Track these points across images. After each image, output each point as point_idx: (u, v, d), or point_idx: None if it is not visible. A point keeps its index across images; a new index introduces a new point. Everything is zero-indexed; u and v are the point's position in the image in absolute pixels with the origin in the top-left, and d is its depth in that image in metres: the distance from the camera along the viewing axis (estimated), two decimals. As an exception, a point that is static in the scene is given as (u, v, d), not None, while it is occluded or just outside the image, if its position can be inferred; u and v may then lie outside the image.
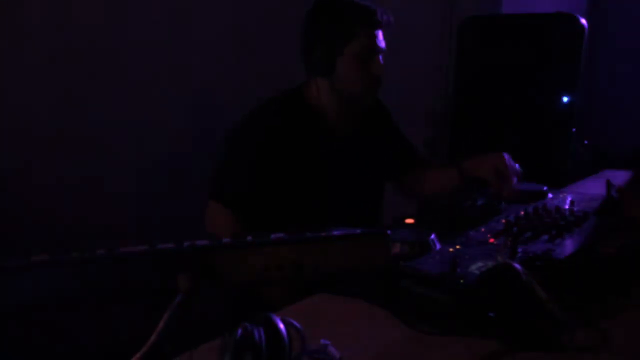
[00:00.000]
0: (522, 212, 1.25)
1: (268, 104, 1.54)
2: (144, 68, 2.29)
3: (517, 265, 0.87)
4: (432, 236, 1.03)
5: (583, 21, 2.44)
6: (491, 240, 1.09)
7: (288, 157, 1.47)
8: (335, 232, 0.65)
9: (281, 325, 0.67)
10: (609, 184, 1.41)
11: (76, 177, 2.13)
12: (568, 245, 1.05)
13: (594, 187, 1.64)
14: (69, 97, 2.09)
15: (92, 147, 2.17)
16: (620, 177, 1.95)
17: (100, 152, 2.20)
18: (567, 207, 1.33)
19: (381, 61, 1.50)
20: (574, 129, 2.56)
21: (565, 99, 2.49)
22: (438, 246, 1.02)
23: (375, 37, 1.48)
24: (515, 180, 1.45)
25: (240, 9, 2.61)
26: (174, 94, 2.40)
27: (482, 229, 1.16)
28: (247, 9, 2.63)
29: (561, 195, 1.48)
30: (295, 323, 0.69)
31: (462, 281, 0.87)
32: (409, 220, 1.14)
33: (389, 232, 0.69)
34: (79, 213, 2.11)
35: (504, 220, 1.21)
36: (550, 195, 1.47)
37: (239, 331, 0.65)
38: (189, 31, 2.43)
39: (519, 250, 1.00)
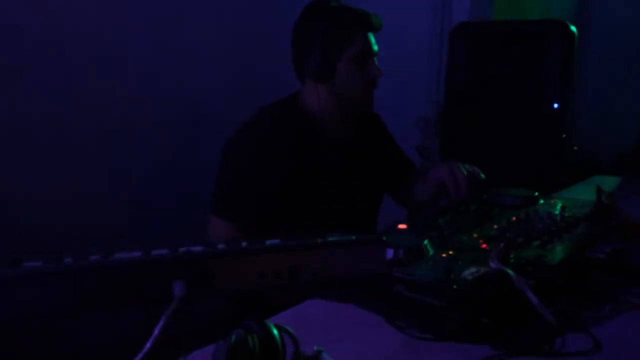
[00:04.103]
0: (514, 218, 1.26)
1: (263, 114, 1.53)
2: (137, 70, 2.29)
3: (509, 271, 0.87)
4: (426, 242, 1.03)
5: (573, 28, 2.46)
6: (484, 246, 1.09)
7: (286, 166, 1.47)
8: (331, 239, 0.65)
9: (275, 332, 0.66)
10: (599, 190, 1.42)
11: (68, 180, 2.12)
12: (559, 251, 1.05)
13: (584, 193, 1.65)
14: (60, 98, 2.08)
15: (85, 150, 2.17)
16: (610, 182, 1.96)
17: (94, 156, 2.20)
18: (558, 212, 1.34)
19: (376, 63, 1.53)
20: (564, 135, 2.57)
21: (555, 105, 2.50)
22: (431, 252, 1.03)
23: (370, 40, 1.50)
24: (467, 185, 1.45)
25: (236, 11, 2.61)
26: (169, 96, 2.40)
27: (475, 235, 1.16)
28: (243, 11, 2.64)
29: (552, 201, 1.48)
30: (289, 329, 0.69)
31: (455, 287, 0.87)
32: (402, 226, 1.14)
33: (383, 238, 0.69)
34: (71, 217, 2.10)
35: (496, 226, 1.22)
36: (541, 201, 1.48)
37: (233, 337, 0.65)
38: (183, 33, 2.43)
39: (511, 256, 1.00)
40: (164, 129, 2.41)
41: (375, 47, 1.52)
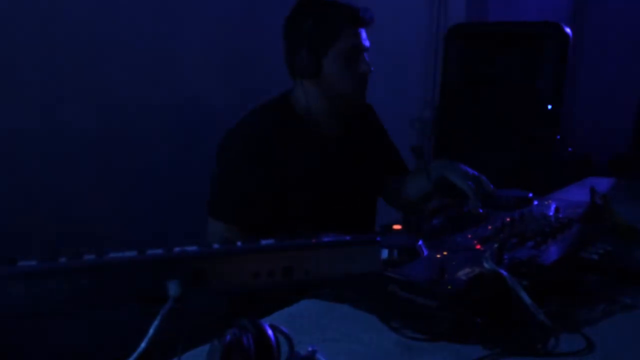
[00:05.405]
0: (508, 219, 1.26)
1: (254, 115, 1.53)
2: (134, 72, 2.28)
3: (503, 272, 0.87)
4: (420, 242, 1.04)
5: (568, 30, 2.48)
6: (478, 246, 1.10)
7: (280, 166, 1.46)
8: (326, 239, 0.65)
9: (269, 331, 0.67)
10: (593, 191, 1.42)
11: (65, 180, 2.11)
12: (553, 252, 1.06)
13: (578, 194, 1.66)
14: (58, 97, 2.08)
15: (82, 150, 2.16)
16: (603, 184, 1.97)
17: (91, 156, 2.19)
18: (551, 213, 1.34)
19: (367, 59, 1.50)
20: (558, 136, 2.59)
21: (549, 106, 2.51)
22: (426, 252, 1.03)
23: (359, 35, 1.48)
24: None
25: (232, 10, 2.62)
26: (167, 95, 2.40)
27: (469, 235, 1.17)
28: (239, 10, 2.64)
29: (546, 202, 1.49)
30: (283, 329, 0.69)
31: (449, 287, 0.88)
32: (397, 226, 1.14)
33: (378, 238, 0.69)
34: (68, 217, 2.10)
35: (490, 227, 1.22)
36: (535, 202, 1.48)
37: (227, 337, 0.65)
38: (179, 31, 2.43)
39: (505, 256, 1.01)
40: (161, 129, 2.40)
41: (366, 43, 1.50)
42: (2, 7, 1.91)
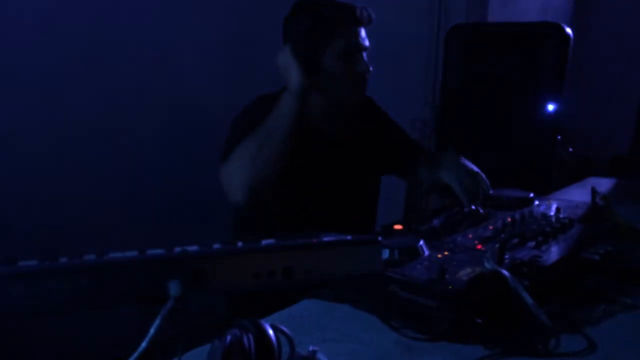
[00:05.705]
0: (509, 219, 1.26)
1: (256, 103, 1.52)
2: (135, 69, 2.29)
3: (504, 272, 0.87)
4: (421, 242, 1.04)
5: (568, 30, 2.47)
6: (479, 246, 1.10)
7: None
8: (326, 238, 0.65)
9: (270, 332, 0.67)
10: (593, 191, 1.42)
11: (65, 180, 2.11)
12: (554, 252, 1.05)
13: (578, 194, 1.66)
14: (57, 97, 2.08)
15: (83, 148, 2.16)
16: (604, 184, 1.97)
17: (92, 153, 2.19)
18: (552, 214, 1.34)
19: (365, 58, 1.49)
20: (559, 137, 2.58)
21: (550, 107, 2.51)
22: (426, 252, 1.03)
23: (357, 34, 1.46)
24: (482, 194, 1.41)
25: (233, 10, 2.61)
26: (167, 95, 2.40)
27: (470, 235, 1.17)
28: (240, 10, 2.64)
29: (547, 202, 1.49)
30: (284, 329, 0.69)
31: (450, 287, 0.88)
32: (398, 226, 1.14)
33: (379, 238, 0.69)
34: (68, 217, 2.10)
35: (491, 227, 1.22)
36: (536, 202, 1.48)
37: (228, 337, 0.65)
38: (179, 32, 2.43)
39: (506, 256, 1.01)
40: (161, 129, 2.40)
41: (365, 42, 1.48)
42: (3, 6, 1.91)
